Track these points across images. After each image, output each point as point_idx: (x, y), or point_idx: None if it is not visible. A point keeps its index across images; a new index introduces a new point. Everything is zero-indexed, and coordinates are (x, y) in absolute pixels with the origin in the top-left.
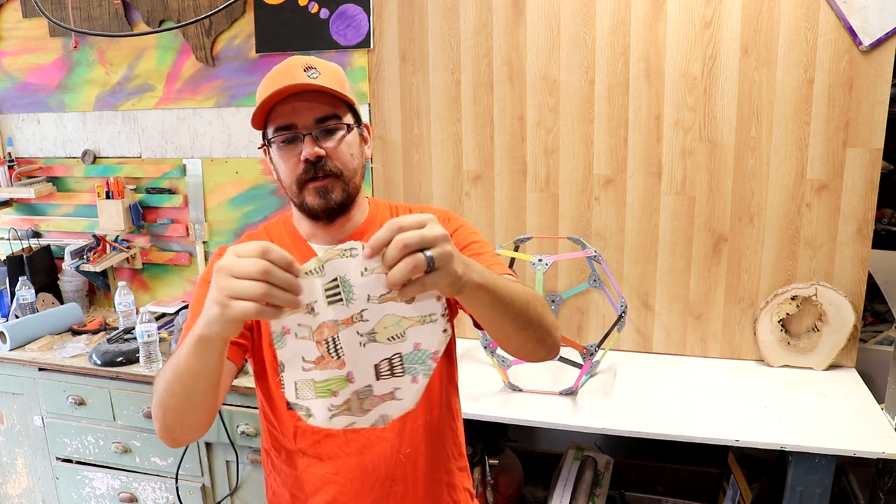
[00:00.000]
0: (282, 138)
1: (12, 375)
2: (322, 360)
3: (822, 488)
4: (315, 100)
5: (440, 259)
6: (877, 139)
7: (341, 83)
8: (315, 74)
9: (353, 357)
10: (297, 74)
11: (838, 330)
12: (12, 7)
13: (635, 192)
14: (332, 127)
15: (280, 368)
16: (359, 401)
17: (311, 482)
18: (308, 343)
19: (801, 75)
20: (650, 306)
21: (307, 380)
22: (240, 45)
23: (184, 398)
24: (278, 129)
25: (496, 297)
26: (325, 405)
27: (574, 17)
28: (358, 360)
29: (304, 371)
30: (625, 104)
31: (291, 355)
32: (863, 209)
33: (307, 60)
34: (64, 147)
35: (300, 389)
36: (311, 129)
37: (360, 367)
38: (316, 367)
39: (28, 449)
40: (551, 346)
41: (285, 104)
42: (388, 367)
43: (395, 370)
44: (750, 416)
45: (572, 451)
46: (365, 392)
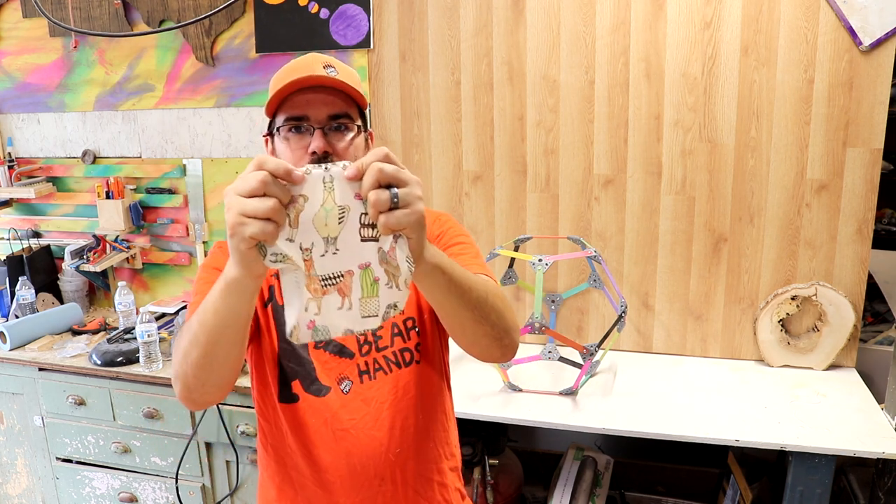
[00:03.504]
0: (291, 127)
1: (12, 375)
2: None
3: (822, 488)
4: (331, 96)
5: (405, 197)
6: (877, 139)
7: (358, 85)
8: (334, 72)
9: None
10: (317, 69)
11: (838, 330)
12: (12, 7)
13: (635, 192)
14: (344, 125)
15: (286, 305)
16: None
17: (299, 479)
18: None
19: (801, 75)
20: (650, 306)
21: (313, 288)
22: (240, 45)
23: (208, 349)
24: (290, 118)
25: (452, 282)
26: (336, 305)
27: (574, 17)
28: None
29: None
30: (625, 104)
31: (292, 280)
32: (863, 209)
33: (327, 59)
34: (64, 147)
35: (309, 308)
36: (324, 124)
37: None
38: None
39: (28, 449)
40: (507, 347)
41: (300, 96)
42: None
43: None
44: (750, 416)
45: (572, 451)
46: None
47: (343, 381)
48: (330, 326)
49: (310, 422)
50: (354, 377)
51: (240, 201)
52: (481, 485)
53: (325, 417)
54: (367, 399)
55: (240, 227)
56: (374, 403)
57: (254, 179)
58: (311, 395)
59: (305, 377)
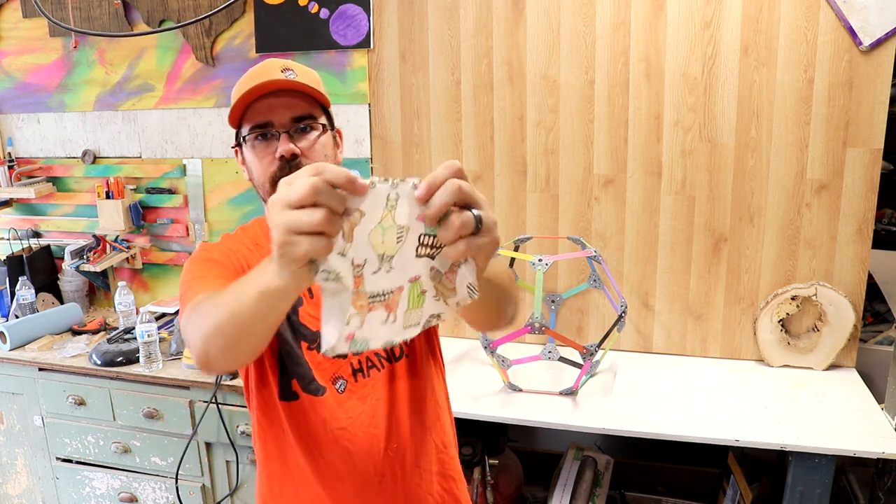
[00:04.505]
0: (257, 135)
1: (12, 375)
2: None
3: (822, 488)
4: (292, 99)
5: (487, 221)
6: (877, 139)
7: (318, 85)
8: (292, 75)
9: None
10: (275, 74)
11: (838, 330)
12: (12, 7)
13: (635, 192)
14: (308, 126)
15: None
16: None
17: (301, 477)
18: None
19: (801, 75)
20: (650, 306)
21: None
22: (240, 45)
23: (235, 340)
24: (254, 126)
25: (492, 288)
26: (380, 320)
27: (574, 17)
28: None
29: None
30: (625, 104)
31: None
32: (863, 209)
33: (284, 62)
34: (64, 147)
35: (351, 322)
36: (288, 128)
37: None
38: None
39: (28, 449)
40: (513, 323)
41: (262, 102)
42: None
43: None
44: (750, 416)
45: (572, 451)
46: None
47: (338, 381)
48: (370, 339)
49: (309, 421)
50: (348, 376)
51: (287, 216)
52: (481, 485)
53: (324, 417)
54: (362, 397)
55: (288, 246)
56: (370, 401)
57: (304, 186)
58: (310, 395)
59: (303, 377)
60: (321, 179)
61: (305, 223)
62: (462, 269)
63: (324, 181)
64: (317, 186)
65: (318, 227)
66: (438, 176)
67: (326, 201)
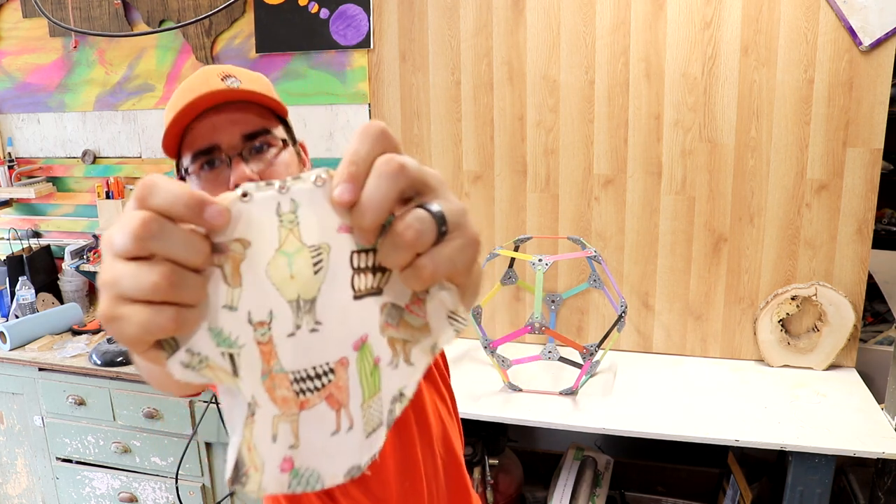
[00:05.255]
0: (202, 164)
1: (12, 375)
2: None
3: (822, 488)
4: (239, 112)
5: (454, 216)
6: (877, 139)
7: (269, 91)
8: (235, 83)
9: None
10: (213, 84)
11: (838, 330)
12: (12, 7)
13: (635, 192)
14: (264, 144)
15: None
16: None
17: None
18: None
19: (801, 75)
20: (650, 306)
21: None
22: (240, 45)
23: (170, 389)
24: (198, 153)
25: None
26: (325, 426)
27: (574, 17)
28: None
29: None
30: (625, 104)
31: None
32: (863, 209)
33: (224, 68)
34: (64, 147)
35: (279, 435)
36: (239, 149)
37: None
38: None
39: (28, 449)
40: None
41: (203, 121)
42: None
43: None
44: (750, 416)
45: (572, 451)
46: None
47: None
48: (321, 469)
49: None
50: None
51: (110, 274)
52: (481, 485)
53: None
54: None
55: (114, 322)
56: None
57: (126, 227)
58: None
59: None
60: (148, 212)
61: (131, 288)
62: (436, 296)
63: (153, 215)
64: (146, 224)
65: (151, 293)
66: (360, 153)
67: (165, 248)
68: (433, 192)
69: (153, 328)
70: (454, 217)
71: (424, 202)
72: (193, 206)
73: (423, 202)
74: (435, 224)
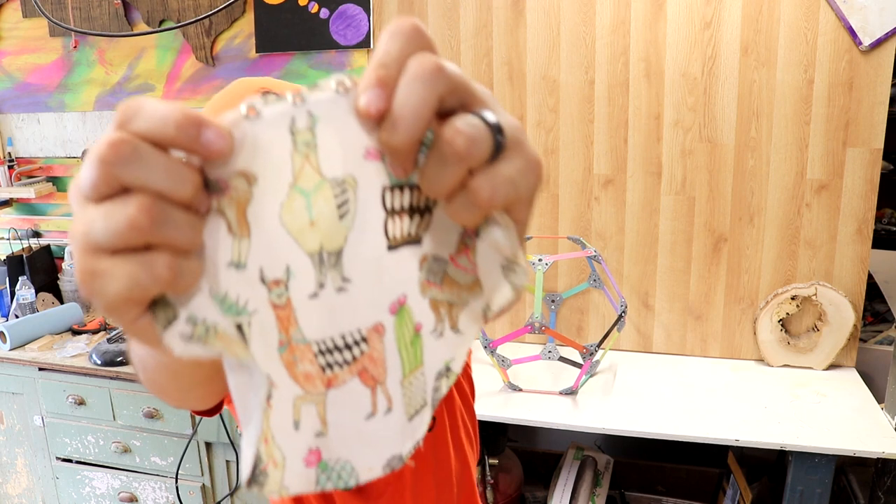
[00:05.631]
0: None
1: (12, 375)
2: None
3: (822, 488)
4: None
5: (511, 129)
6: (877, 139)
7: None
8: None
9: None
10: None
11: (838, 330)
12: (12, 7)
13: (635, 192)
14: None
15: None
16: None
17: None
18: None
19: (800, 75)
20: (650, 306)
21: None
22: (240, 45)
23: (173, 397)
24: None
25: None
26: (359, 409)
27: (574, 16)
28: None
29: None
30: (625, 104)
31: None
32: (863, 209)
33: (263, 83)
34: (64, 147)
35: (302, 423)
36: None
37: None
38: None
39: (28, 449)
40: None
41: None
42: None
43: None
44: (750, 416)
45: (572, 451)
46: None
47: None
48: (354, 460)
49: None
50: None
51: (82, 220)
52: (481, 485)
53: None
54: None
55: (92, 281)
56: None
57: (95, 154)
58: None
59: None
60: (127, 132)
61: (104, 232)
62: (488, 238)
63: (125, 136)
64: (115, 147)
65: (129, 233)
66: (390, 54)
67: (140, 176)
68: (481, 104)
69: (142, 280)
70: (512, 131)
71: (473, 110)
72: (186, 126)
73: (471, 111)
74: (490, 133)
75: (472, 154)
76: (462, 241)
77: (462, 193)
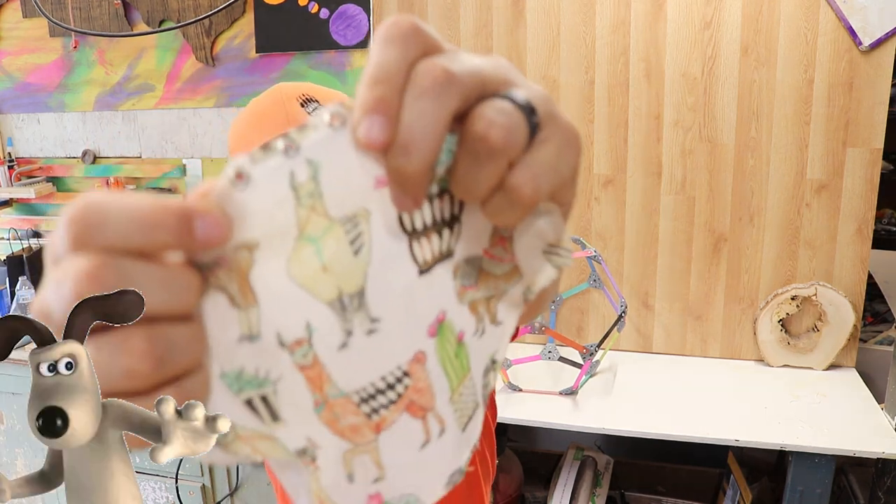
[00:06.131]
0: None
1: (12, 375)
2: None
3: (821, 488)
4: None
5: (542, 103)
6: (877, 139)
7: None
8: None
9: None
10: (293, 111)
11: (838, 330)
12: (12, 7)
13: (635, 193)
14: None
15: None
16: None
17: None
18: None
19: (800, 75)
20: (650, 306)
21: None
22: (240, 45)
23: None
24: None
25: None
26: (412, 440)
27: (574, 17)
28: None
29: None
30: (625, 104)
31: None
32: (863, 209)
33: (303, 89)
34: (64, 147)
35: (356, 473)
36: None
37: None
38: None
39: (28, 449)
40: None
41: None
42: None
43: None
44: (750, 416)
45: (572, 451)
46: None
47: None
48: (417, 490)
49: None
50: None
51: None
52: None
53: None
54: None
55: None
56: None
57: (69, 291)
58: None
59: None
60: (99, 249)
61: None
62: (529, 228)
63: (103, 261)
64: (96, 280)
65: (130, 385)
66: (386, 65)
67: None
68: (503, 84)
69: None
70: (543, 105)
71: (498, 92)
72: (172, 224)
73: (495, 94)
74: (523, 116)
75: (510, 146)
76: (496, 233)
77: (499, 194)
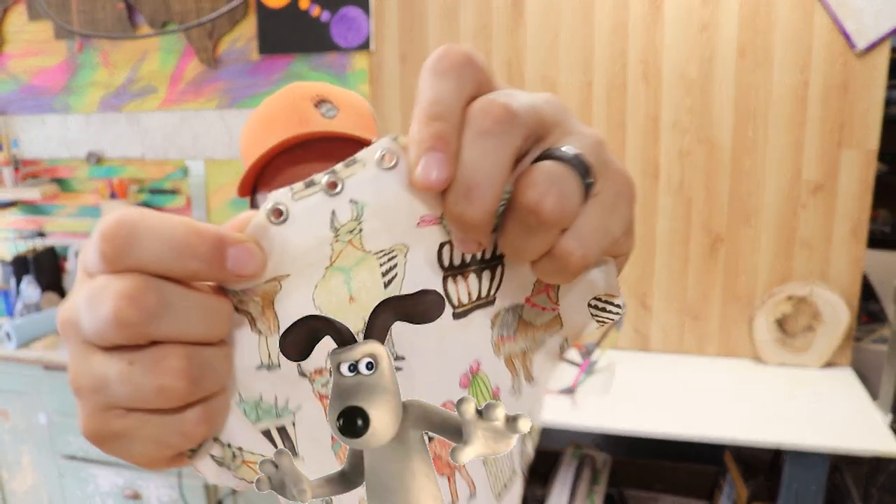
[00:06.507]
0: None
1: (17, 374)
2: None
3: (816, 485)
4: (333, 151)
5: (594, 155)
6: (871, 141)
7: (367, 122)
8: (331, 111)
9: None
10: (306, 113)
11: (833, 329)
12: (18, 10)
13: None
14: None
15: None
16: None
17: None
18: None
19: (796, 77)
20: (648, 306)
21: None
22: (242, 48)
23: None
24: None
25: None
26: None
27: (573, 18)
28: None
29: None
30: (622, 106)
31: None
32: (858, 210)
33: (317, 90)
34: (68, 148)
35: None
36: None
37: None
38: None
39: (33, 446)
40: None
41: (288, 157)
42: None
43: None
44: (746, 415)
45: (571, 450)
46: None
47: None
48: None
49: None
50: None
51: (90, 373)
52: None
53: None
54: None
55: (113, 442)
56: None
57: (110, 311)
58: None
59: None
60: (136, 277)
61: (128, 397)
62: (580, 281)
63: (146, 282)
64: (139, 303)
65: (163, 401)
66: (444, 100)
67: (173, 331)
68: (557, 127)
69: (172, 442)
70: (595, 155)
71: (549, 148)
72: (205, 251)
73: (546, 149)
74: (577, 178)
75: (564, 218)
76: (541, 280)
77: (548, 258)
